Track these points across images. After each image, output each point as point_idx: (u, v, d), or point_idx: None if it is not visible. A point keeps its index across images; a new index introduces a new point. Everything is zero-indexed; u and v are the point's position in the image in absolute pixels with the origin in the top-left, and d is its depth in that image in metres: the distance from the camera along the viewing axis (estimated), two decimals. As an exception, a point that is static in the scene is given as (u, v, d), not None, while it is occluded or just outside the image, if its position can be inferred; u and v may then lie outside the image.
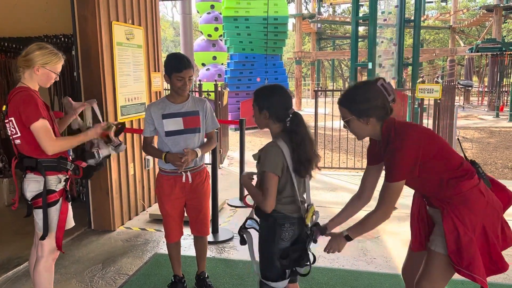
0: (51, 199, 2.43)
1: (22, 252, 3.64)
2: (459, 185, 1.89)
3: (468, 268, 1.85)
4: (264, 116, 2.10)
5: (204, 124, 2.82)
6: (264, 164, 2.02)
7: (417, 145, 1.88)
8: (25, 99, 2.33)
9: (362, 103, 1.93)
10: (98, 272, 3.37)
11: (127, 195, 4.48)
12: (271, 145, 2.06)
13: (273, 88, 2.14)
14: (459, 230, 1.86)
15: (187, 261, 3.43)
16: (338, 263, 3.48)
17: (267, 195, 2.00)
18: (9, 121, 2.37)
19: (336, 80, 32.70)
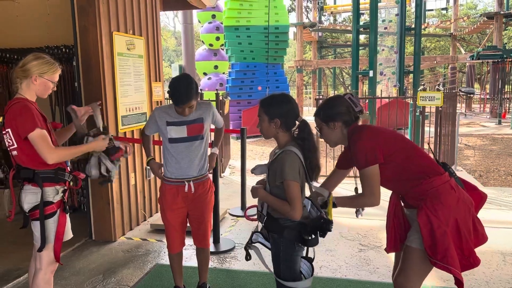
0: (49, 210, 2.41)
1: (21, 264, 3.61)
2: (430, 181, 2.03)
3: (443, 260, 1.95)
4: (275, 124, 2.09)
5: (208, 129, 2.86)
6: (285, 173, 1.99)
7: (374, 134, 2.11)
8: (21, 110, 2.32)
9: (329, 110, 2.17)
10: (98, 283, 3.34)
11: (128, 205, 4.46)
12: (287, 153, 2.03)
13: (283, 97, 2.17)
14: (433, 223, 1.97)
15: (188, 271, 3.39)
16: (340, 273, 3.43)
17: (295, 204, 1.98)
18: (5, 132, 2.35)
19: (338, 88, 32.75)
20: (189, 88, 2.60)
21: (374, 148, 2.04)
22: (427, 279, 3.21)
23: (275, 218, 2.08)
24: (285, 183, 1.99)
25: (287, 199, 2.00)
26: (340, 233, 4.29)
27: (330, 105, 2.19)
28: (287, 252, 2.07)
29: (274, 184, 2.06)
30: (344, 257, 3.75)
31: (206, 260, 3.04)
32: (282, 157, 2.04)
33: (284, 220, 2.06)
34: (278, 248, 2.09)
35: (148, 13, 4.84)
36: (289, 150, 2.04)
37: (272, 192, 2.09)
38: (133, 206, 4.54)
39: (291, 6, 30.25)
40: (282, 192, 2.04)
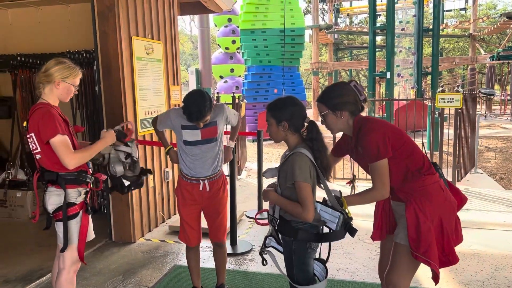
0: (71, 212, 2.47)
1: (44, 264, 3.70)
2: (422, 178, 2.09)
3: (425, 254, 2.02)
4: (283, 127, 2.11)
5: (222, 131, 2.90)
6: (295, 174, 2.00)
7: (383, 128, 2.09)
8: (43, 115, 2.38)
9: (337, 98, 2.14)
10: (118, 284, 3.40)
11: (147, 207, 4.52)
12: (296, 154, 2.04)
13: (289, 99, 2.18)
14: (420, 218, 2.04)
15: (206, 273, 3.43)
16: (358, 276, 3.42)
17: (307, 205, 1.98)
18: (29, 136, 2.42)
19: (354, 91, 32.49)
20: (202, 107, 2.62)
21: (386, 141, 2.05)
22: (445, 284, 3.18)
23: (287, 221, 2.09)
24: (296, 184, 2.00)
25: (299, 201, 2.00)
26: (358, 236, 4.23)
27: (338, 93, 2.15)
28: (300, 255, 2.08)
29: (285, 186, 2.07)
30: (362, 260, 3.73)
31: (224, 259, 3.06)
32: (292, 159, 2.05)
33: (296, 222, 2.07)
34: (291, 251, 2.10)
35: (166, 17, 4.91)
36: (299, 151, 2.05)
37: (283, 195, 2.10)
38: (151, 208, 4.61)
39: (307, 8, 30.20)
40: (293, 194, 2.05)
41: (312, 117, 14.80)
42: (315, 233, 2.07)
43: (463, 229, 2.21)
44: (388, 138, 2.06)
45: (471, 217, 4.74)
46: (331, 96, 2.15)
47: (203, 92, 2.71)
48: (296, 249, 2.07)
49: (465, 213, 4.89)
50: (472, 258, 3.68)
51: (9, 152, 5.57)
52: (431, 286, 3.12)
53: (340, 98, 2.13)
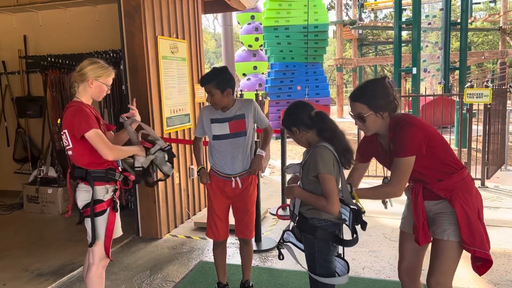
0: (99, 208, 2.54)
1: (75, 259, 3.82)
2: (459, 172, 2.06)
3: (482, 246, 1.99)
4: (295, 132, 2.15)
5: (251, 126, 2.88)
6: (319, 166, 2.01)
7: (424, 125, 2.03)
8: (76, 112, 2.47)
9: (380, 99, 2.03)
10: (146, 279, 3.47)
11: (172, 204, 4.60)
12: (319, 147, 2.06)
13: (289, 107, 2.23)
14: (468, 212, 2.00)
15: (231, 269, 3.46)
16: (384, 274, 3.39)
17: (332, 197, 1.98)
18: (63, 133, 2.51)
19: (379, 86, 31.99)
20: (212, 73, 2.75)
21: (423, 138, 1.98)
22: (474, 283, 3.11)
23: (306, 218, 2.09)
24: (320, 176, 2.01)
25: (324, 193, 2.00)
26: (384, 234, 4.22)
27: (382, 93, 2.03)
28: (322, 253, 2.08)
29: (308, 179, 2.08)
30: (388, 258, 3.69)
31: (249, 256, 3.08)
32: (315, 151, 2.07)
33: (316, 220, 2.07)
34: (313, 249, 2.10)
35: (191, 17, 4.96)
36: (321, 145, 2.08)
37: (306, 189, 2.11)
38: (177, 205, 4.68)
39: (331, 4, 29.88)
40: (316, 187, 2.06)
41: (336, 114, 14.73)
42: (334, 234, 2.06)
43: (492, 228, 2.18)
44: (425, 136, 1.99)
45: (501, 216, 4.62)
46: (375, 96, 2.02)
47: (225, 67, 2.83)
48: (319, 247, 2.08)
49: (494, 211, 4.77)
50: (502, 257, 3.58)
51: (41, 150, 5.75)
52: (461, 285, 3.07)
53: (385, 99, 2.02)
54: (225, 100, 2.77)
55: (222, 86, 2.73)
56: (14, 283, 3.43)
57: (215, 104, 2.78)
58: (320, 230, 2.05)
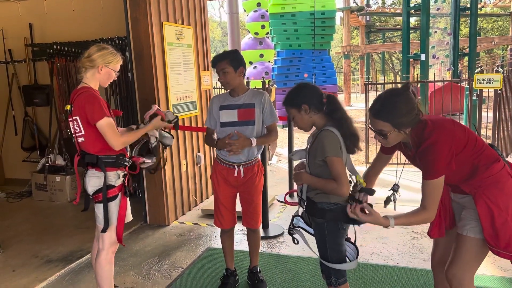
0: (111, 194, 2.54)
1: (84, 245, 3.84)
2: (489, 168, 1.92)
3: (507, 249, 1.88)
4: (305, 111, 2.09)
5: (260, 117, 2.80)
6: (325, 150, 1.99)
7: (451, 137, 1.88)
8: (89, 98, 2.45)
9: (404, 117, 1.89)
10: (154, 265, 3.49)
11: (180, 191, 4.60)
12: (325, 131, 2.04)
13: (298, 85, 2.19)
14: (493, 211, 1.88)
15: (239, 255, 3.47)
16: (392, 261, 3.37)
17: (341, 180, 1.97)
18: (73, 120, 2.50)
19: (387, 74, 31.71)
20: (226, 52, 2.75)
21: (452, 152, 1.87)
22: (485, 269, 3.09)
23: (315, 202, 2.08)
24: (328, 160, 1.99)
25: (332, 176, 1.99)
26: (392, 220, 4.20)
27: (405, 110, 1.87)
28: (333, 236, 2.06)
29: (315, 164, 2.06)
30: (396, 244, 3.67)
31: (257, 243, 3.08)
32: (321, 135, 2.04)
33: (325, 204, 2.06)
34: (324, 233, 2.08)
35: (196, 3, 4.91)
36: (327, 129, 2.06)
37: (313, 174, 2.09)
38: (185, 192, 4.68)
39: (337, -10, 29.50)
40: (323, 171, 2.05)
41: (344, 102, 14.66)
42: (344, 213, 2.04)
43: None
44: (451, 149, 1.86)
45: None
46: (399, 115, 1.87)
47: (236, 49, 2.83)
48: (329, 230, 2.06)
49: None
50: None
51: (48, 138, 5.78)
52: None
53: (408, 116, 1.88)
54: (237, 80, 2.74)
55: (236, 63, 2.71)
56: (24, 269, 3.46)
57: (227, 83, 2.74)
58: (329, 213, 2.04)
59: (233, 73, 2.71)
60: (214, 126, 2.88)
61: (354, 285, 2.20)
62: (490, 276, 3.03)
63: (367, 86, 6.97)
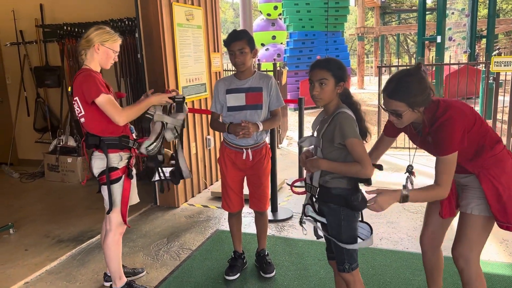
0: (114, 176, 2.54)
1: (94, 226, 3.89)
2: (493, 148, 1.98)
3: None
4: (340, 88, 2.03)
5: (267, 101, 2.76)
6: (346, 133, 1.94)
7: (463, 115, 1.92)
8: (85, 77, 2.45)
9: (419, 96, 1.91)
10: (163, 246, 3.52)
11: (189, 174, 4.61)
12: (342, 113, 1.98)
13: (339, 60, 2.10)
14: (499, 188, 1.94)
15: (247, 238, 3.47)
16: (402, 246, 3.34)
17: (365, 161, 1.93)
18: (74, 101, 2.50)
19: (402, 56, 31.15)
20: (242, 31, 2.70)
21: (464, 130, 1.90)
22: (496, 256, 3.05)
23: (329, 188, 2.04)
24: (349, 142, 1.94)
25: (355, 158, 1.95)
26: (403, 205, 4.15)
27: (419, 88, 1.90)
28: (348, 221, 2.03)
29: (332, 148, 2.01)
30: (406, 229, 3.63)
31: (265, 226, 3.08)
32: (339, 118, 1.98)
33: (340, 189, 2.02)
34: (339, 218, 2.04)
35: (206, -18, 4.82)
36: (344, 111, 2.00)
37: (328, 159, 2.04)
38: (194, 174, 4.69)
39: (352, -30, 28.85)
40: (339, 156, 2.00)
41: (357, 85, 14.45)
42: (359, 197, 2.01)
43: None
44: (464, 126, 1.90)
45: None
46: (414, 94, 1.89)
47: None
48: (345, 215, 2.02)
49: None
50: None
51: (60, 119, 5.82)
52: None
53: (422, 95, 1.90)
54: (250, 62, 2.71)
55: (252, 45, 2.68)
56: (36, 248, 3.52)
57: (243, 64, 2.69)
58: (342, 198, 2.00)
59: (249, 54, 2.68)
60: (220, 110, 2.84)
61: (363, 270, 2.18)
62: (502, 263, 2.98)
63: (380, 68, 6.84)
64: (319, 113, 2.18)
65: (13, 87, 6.08)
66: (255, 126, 2.68)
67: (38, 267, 3.18)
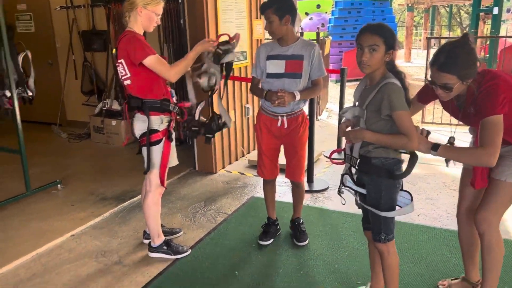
0: (154, 138, 2.61)
1: (136, 187, 4.05)
2: None
3: None
4: (388, 56, 1.95)
5: (307, 70, 2.71)
6: (394, 104, 1.88)
7: (507, 83, 1.89)
8: (130, 40, 2.49)
9: (469, 68, 1.87)
10: (200, 209, 3.63)
11: (228, 141, 4.67)
12: (391, 84, 1.91)
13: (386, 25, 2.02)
14: None
15: (282, 206, 3.50)
16: (440, 222, 3.27)
17: (412, 134, 1.89)
18: (119, 63, 2.55)
19: (453, 29, 29.49)
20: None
21: (506, 96, 1.86)
22: None
23: (370, 158, 2.00)
24: (397, 114, 1.88)
25: (402, 131, 1.90)
26: (444, 182, 4.04)
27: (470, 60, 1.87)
28: (389, 192, 1.99)
29: (377, 119, 1.95)
30: (446, 207, 3.54)
31: (300, 196, 3.09)
32: (386, 88, 1.91)
33: (383, 159, 1.98)
34: (379, 189, 2.00)
35: None
36: (392, 81, 1.92)
37: (372, 130, 1.99)
38: (232, 142, 4.75)
39: None
40: (384, 127, 1.94)
41: (403, 58, 13.89)
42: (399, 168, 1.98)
43: None
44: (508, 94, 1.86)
45: None
46: (465, 66, 1.86)
47: None
48: (385, 186, 1.99)
49: None
50: None
51: (105, 83, 5.99)
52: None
53: (474, 66, 1.87)
54: (283, 29, 2.65)
55: (281, 12, 2.61)
56: (81, 204, 3.73)
57: (273, 33, 2.66)
58: (384, 170, 1.97)
59: (277, 22, 2.62)
60: (260, 75, 2.82)
61: (397, 244, 2.15)
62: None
63: (429, 40, 6.52)
64: (360, 81, 2.12)
65: (62, 50, 6.30)
66: (292, 96, 2.65)
67: (83, 222, 3.37)
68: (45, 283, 2.61)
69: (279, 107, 2.70)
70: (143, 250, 2.95)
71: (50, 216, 3.50)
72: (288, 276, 2.64)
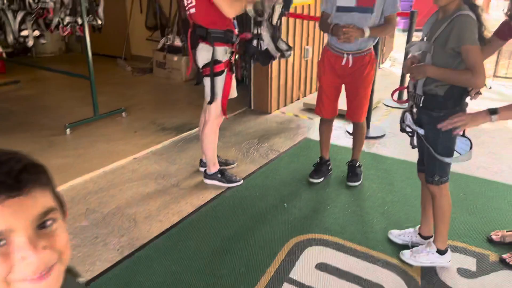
0: (218, 68, 2.66)
1: (194, 119, 4.18)
2: None
3: None
4: None
5: (380, 5, 2.57)
6: (464, 38, 1.78)
7: None
8: None
9: None
10: (254, 145, 3.71)
11: (284, 82, 4.64)
12: (464, 16, 1.79)
13: None
14: None
15: (335, 149, 3.50)
16: (502, 177, 3.13)
17: (478, 69, 1.78)
18: None
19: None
20: None
21: None
22: None
23: (434, 95, 1.92)
24: (465, 48, 1.78)
25: (468, 66, 1.80)
26: (511, 138, 3.82)
27: None
28: (448, 131, 1.89)
29: (443, 53, 1.85)
30: (509, 161, 3.37)
31: (361, 137, 3.05)
32: (458, 21, 1.79)
33: (445, 97, 1.90)
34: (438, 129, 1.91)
35: None
36: (466, 13, 1.79)
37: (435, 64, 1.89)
38: (289, 84, 4.72)
39: None
40: (451, 62, 1.85)
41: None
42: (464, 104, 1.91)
43: None
44: None
45: None
46: None
47: None
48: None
49: None
50: None
51: (168, 18, 6.06)
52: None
53: None
54: None
55: None
56: (143, 132, 3.94)
57: None
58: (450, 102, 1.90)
59: None
60: (330, 10, 2.71)
61: (452, 193, 2.11)
62: None
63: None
64: (432, 15, 2.00)
65: (128, -16, 6.40)
66: (360, 32, 2.55)
67: (145, 147, 3.58)
68: (110, 197, 2.86)
69: (345, 43, 2.61)
70: (198, 176, 3.11)
71: (115, 139, 3.75)
72: (335, 212, 2.69)
